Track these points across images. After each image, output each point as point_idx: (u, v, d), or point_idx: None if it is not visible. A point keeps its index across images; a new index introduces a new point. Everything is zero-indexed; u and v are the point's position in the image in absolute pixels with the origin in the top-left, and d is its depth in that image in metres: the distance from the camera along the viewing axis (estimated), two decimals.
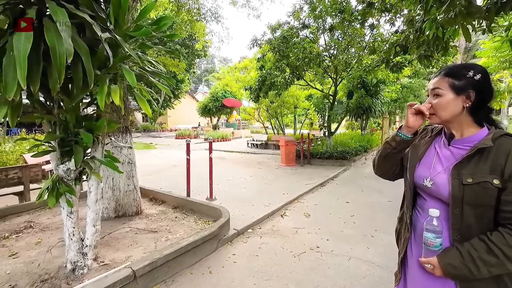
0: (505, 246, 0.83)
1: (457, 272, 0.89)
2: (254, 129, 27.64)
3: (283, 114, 15.01)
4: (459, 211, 0.92)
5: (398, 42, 6.14)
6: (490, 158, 0.89)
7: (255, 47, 10.02)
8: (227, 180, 6.48)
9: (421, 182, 1.04)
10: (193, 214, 3.86)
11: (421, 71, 10.99)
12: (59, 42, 1.64)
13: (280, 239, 3.31)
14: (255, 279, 2.48)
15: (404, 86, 15.91)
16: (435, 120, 1.01)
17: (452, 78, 0.96)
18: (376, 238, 3.33)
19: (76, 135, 2.14)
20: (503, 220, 0.87)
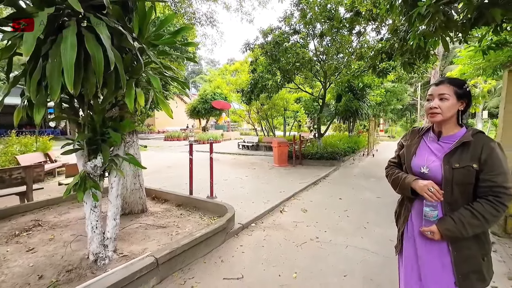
0: (484, 211, 1.16)
1: (451, 234, 1.20)
2: (243, 131, 27.87)
3: (273, 116, 15.37)
4: (450, 189, 1.24)
5: (384, 50, 6.62)
6: (471, 149, 1.22)
7: (247, 51, 10.32)
8: (224, 180, 6.69)
9: (419, 170, 1.35)
10: (197, 211, 4.06)
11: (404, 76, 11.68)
12: (98, 51, 1.85)
13: (282, 232, 3.58)
14: (264, 266, 2.74)
15: (388, 90, 16.71)
16: (438, 118, 1.28)
17: (456, 87, 1.28)
18: (368, 229, 3.68)
19: (103, 135, 2.32)
20: (481, 193, 1.20)
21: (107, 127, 2.33)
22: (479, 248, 1.22)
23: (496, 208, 1.15)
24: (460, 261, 1.22)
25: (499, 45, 5.91)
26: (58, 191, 5.33)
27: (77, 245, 2.82)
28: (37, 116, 1.86)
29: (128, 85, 2.19)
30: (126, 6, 2.46)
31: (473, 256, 1.22)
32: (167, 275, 2.48)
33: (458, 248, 1.23)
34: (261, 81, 10.07)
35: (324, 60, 9.82)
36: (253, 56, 10.93)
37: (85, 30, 1.91)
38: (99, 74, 1.83)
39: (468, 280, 1.21)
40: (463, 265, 1.22)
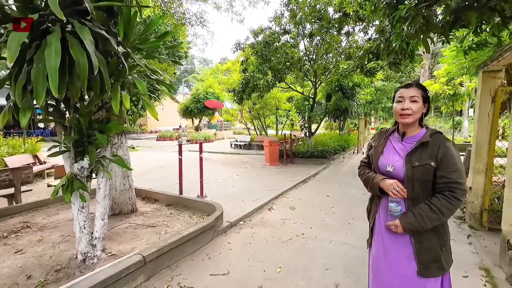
0: (440, 205, 1.27)
1: (412, 227, 1.31)
2: (236, 130, 27.92)
3: (265, 115, 15.47)
4: (411, 186, 1.34)
5: (371, 50, 6.79)
6: (429, 148, 1.33)
7: (238, 50, 10.38)
8: (215, 179, 6.76)
9: (385, 169, 1.46)
10: (186, 210, 4.13)
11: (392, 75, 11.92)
12: (82, 56, 1.91)
13: (270, 229, 3.68)
14: (250, 262, 2.83)
15: (378, 89, 16.99)
16: (410, 119, 1.38)
17: (422, 91, 1.40)
18: (353, 225, 3.81)
19: (89, 137, 2.38)
20: (438, 189, 1.31)
21: (93, 129, 2.38)
22: (437, 239, 1.34)
23: (451, 202, 1.26)
24: (421, 251, 1.33)
25: (480, 46, 6.13)
26: (47, 192, 5.32)
27: (65, 246, 2.87)
28: (23, 120, 1.91)
29: (113, 88, 2.25)
30: (111, 11, 2.51)
31: (432, 247, 1.33)
32: (154, 273, 2.55)
33: (419, 240, 1.34)
34: (252, 80, 10.15)
35: (314, 59, 9.95)
36: (244, 56, 11.00)
37: (69, 35, 1.96)
38: (84, 78, 1.89)
39: (429, 269, 1.32)
40: (424, 255, 1.33)
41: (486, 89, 3.46)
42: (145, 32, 2.55)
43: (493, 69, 3.32)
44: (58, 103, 2.42)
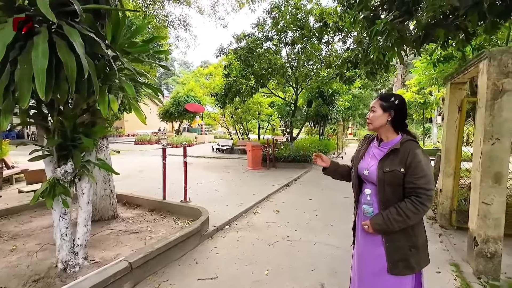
0: (406, 209, 1.36)
1: (379, 227, 1.42)
2: (218, 134, 27.73)
3: (247, 119, 15.56)
4: (382, 190, 1.45)
5: (350, 59, 7.14)
6: (399, 155, 1.43)
7: (221, 55, 10.43)
8: (198, 184, 6.70)
9: (362, 172, 1.57)
10: (171, 215, 4.07)
11: (368, 83, 12.54)
12: (71, 59, 1.88)
13: (255, 232, 3.73)
14: (238, 265, 2.86)
15: (355, 96, 17.74)
16: (370, 127, 1.55)
17: (382, 101, 1.51)
18: (335, 227, 3.96)
19: (74, 140, 2.31)
20: (407, 194, 1.41)
21: (78, 133, 2.32)
22: (406, 241, 1.43)
23: (416, 207, 1.34)
24: (391, 251, 1.43)
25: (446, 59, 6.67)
26: (18, 199, 4.98)
27: (43, 254, 2.73)
28: (4, 123, 1.83)
29: (101, 92, 2.22)
30: (98, 13, 2.48)
31: (401, 247, 1.42)
32: (141, 279, 2.50)
33: (390, 240, 1.44)
34: (235, 85, 10.22)
35: (295, 66, 10.24)
36: (227, 61, 11.06)
37: (56, 37, 1.92)
38: (72, 81, 1.86)
39: (397, 268, 1.42)
40: (394, 255, 1.43)
41: (453, 99, 3.79)
42: (133, 36, 2.54)
43: (459, 81, 3.65)
44: (40, 105, 2.34)
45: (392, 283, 1.44)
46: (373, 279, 1.49)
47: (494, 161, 2.51)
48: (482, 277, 2.52)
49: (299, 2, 9.23)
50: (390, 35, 4.17)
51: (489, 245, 2.54)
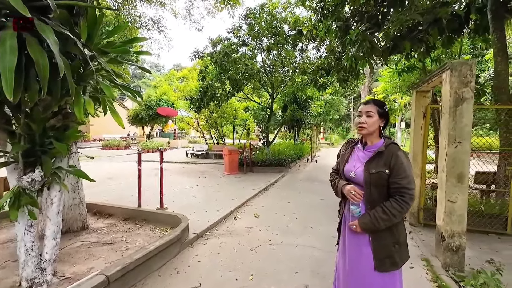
0: (392, 208, 1.45)
1: (367, 226, 1.50)
2: (192, 138, 27.14)
3: (222, 124, 15.45)
4: (369, 190, 1.53)
5: (323, 66, 7.47)
6: (384, 157, 1.53)
7: (196, 58, 10.30)
8: (174, 190, 6.48)
9: (349, 174, 1.64)
10: (147, 224, 3.88)
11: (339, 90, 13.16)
12: (42, 57, 1.74)
13: (237, 238, 3.69)
14: (221, 272, 2.80)
15: (327, 102, 18.50)
16: (364, 131, 1.59)
17: (379, 107, 1.60)
18: (314, 229, 4.06)
19: (43, 145, 2.12)
20: (391, 194, 1.50)
21: (49, 137, 2.13)
22: (391, 238, 1.52)
23: (400, 205, 1.44)
24: (378, 248, 1.52)
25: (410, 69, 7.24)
26: None
27: (3, 273, 2.44)
28: None
29: (76, 93, 2.07)
30: (72, 9, 2.33)
31: (387, 245, 1.51)
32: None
33: (376, 238, 1.53)
34: (211, 89, 10.12)
35: (271, 72, 10.42)
36: (202, 64, 10.94)
37: (26, 33, 1.76)
38: (44, 81, 1.71)
39: (384, 265, 1.51)
40: (380, 252, 1.51)
41: (419, 106, 4.12)
42: (110, 36, 2.41)
43: (424, 89, 3.98)
44: (1, 107, 2.12)
45: (380, 279, 1.51)
46: (362, 277, 1.55)
47: (457, 162, 2.77)
48: (449, 269, 2.73)
49: (274, 10, 9.46)
50: (362, 45, 4.45)
51: (454, 240, 2.77)
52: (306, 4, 6.68)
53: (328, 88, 9.67)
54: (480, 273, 2.43)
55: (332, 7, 5.39)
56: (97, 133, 27.14)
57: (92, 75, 2.05)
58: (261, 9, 9.41)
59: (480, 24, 4.45)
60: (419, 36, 4.45)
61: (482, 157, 4.87)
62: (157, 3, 8.58)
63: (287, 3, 9.39)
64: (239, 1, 8.37)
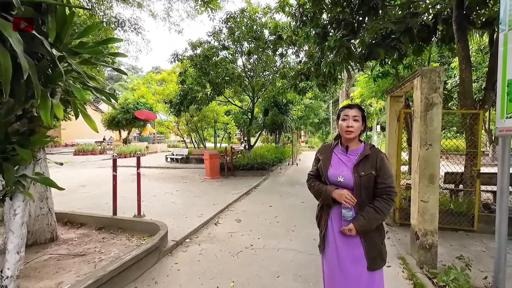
0: (382, 207, 1.52)
1: (363, 228, 1.53)
2: (171, 143, 26.51)
3: (203, 128, 15.24)
4: (359, 192, 1.57)
5: (302, 71, 7.62)
6: (370, 159, 1.58)
7: (176, 61, 10.11)
8: (152, 196, 6.27)
9: (335, 179, 1.65)
10: (123, 233, 3.71)
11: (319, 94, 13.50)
12: (4, 57, 1.62)
13: (218, 244, 3.62)
14: (201, 280, 2.73)
15: (307, 106, 18.88)
16: (352, 135, 1.62)
17: (362, 112, 1.65)
18: (296, 232, 4.08)
19: (4, 152, 1.95)
20: (378, 193, 1.57)
21: (11, 143, 1.97)
22: (379, 236, 1.61)
23: (388, 203, 1.54)
24: (369, 248, 1.56)
25: (384, 75, 7.57)
26: None
27: None
28: None
29: (42, 95, 1.94)
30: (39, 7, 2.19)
31: (376, 243, 1.58)
32: None
33: (368, 239, 1.57)
34: (191, 92, 9.98)
35: (252, 76, 10.47)
36: (182, 67, 10.77)
37: None
38: (6, 83, 1.59)
39: (376, 263, 1.57)
40: (372, 251, 1.56)
41: (393, 111, 4.30)
42: (83, 36, 2.30)
43: (397, 94, 4.17)
44: None
45: (373, 278, 1.57)
46: (358, 279, 1.57)
47: (428, 164, 2.91)
48: (424, 266, 2.85)
49: (254, 15, 9.55)
50: (339, 51, 4.59)
51: (427, 238, 2.90)
52: (286, 10, 6.80)
53: (308, 92, 9.86)
54: (451, 269, 2.56)
55: (310, 14, 5.53)
56: (69, 138, 25.73)
57: (61, 77, 1.93)
58: (242, 13, 9.45)
59: (446, 34, 4.76)
60: (392, 44, 4.67)
61: (451, 159, 5.19)
62: (134, 3, 8.35)
63: (267, 8, 9.51)
64: (219, 5, 8.35)
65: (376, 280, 1.59)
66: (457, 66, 7.14)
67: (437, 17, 4.55)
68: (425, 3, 5.10)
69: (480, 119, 3.96)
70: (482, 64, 9.56)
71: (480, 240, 3.66)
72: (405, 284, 2.62)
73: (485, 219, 3.92)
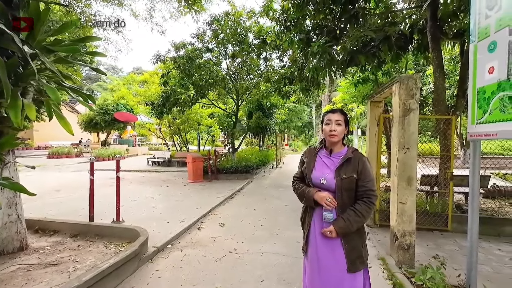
0: (362, 210, 1.56)
1: (343, 230, 1.56)
2: (153, 145, 25.83)
3: (186, 130, 14.99)
4: (340, 195, 1.60)
5: (286, 75, 7.73)
6: (352, 163, 1.62)
7: (158, 62, 9.91)
8: (132, 201, 6.06)
9: (318, 181, 1.67)
10: (100, 240, 3.54)
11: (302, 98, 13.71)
12: None
13: (201, 249, 3.55)
14: (184, 286, 2.65)
15: (290, 110, 19.13)
16: (335, 139, 1.65)
17: (345, 116, 1.69)
18: (280, 235, 4.09)
19: None
20: (359, 196, 1.60)
21: None
22: (359, 238, 1.64)
23: (368, 206, 1.57)
24: (349, 250, 1.59)
25: (364, 81, 7.83)
26: None
27: None
28: None
29: (12, 95, 1.82)
30: (9, 1, 2.07)
31: (356, 245, 1.61)
32: None
33: (348, 241, 1.60)
34: (174, 94, 9.79)
35: (236, 79, 10.46)
36: (165, 69, 10.57)
37: None
38: None
39: (355, 265, 1.59)
40: (352, 253, 1.59)
41: (373, 115, 4.45)
42: (59, 33, 2.19)
43: (377, 100, 4.32)
44: None
45: (354, 280, 1.59)
46: (339, 282, 1.59)
47: (406, 167, 3.03)
48: (402, 266, 2.95)
49: (239, 18, 9.57)
50: (322, 57, 4.69)
51: (406, 239, 3.00)
52: (270, 15, 6.88)
53: (292, 96, 9.99)
54: (428, 268, 2.66)
55: (294, 19, 5.63)
56: (43, 140, 24.38)
57: (33, 76, 1.82)
58: (226, 16, 9.44)
59: (421, 43, 5.01)
60: (372, 51, 4.85)
61: (426, 161, 5.43)
62: (115, 2, 8.12)
63: (251, 12, 9.58)
64: (203, 6, 8.31)
65: (358, 282, 1.61)
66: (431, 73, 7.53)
67: (413, 27, 4.78)
68: (402, 13, 5.35)
69: (453, 125, 4.19)
70: (454, 73, 10.14)
71: (453, 240, 3.84)
72: (385, 284, 2.69)
73: (458, 219, 4.13)
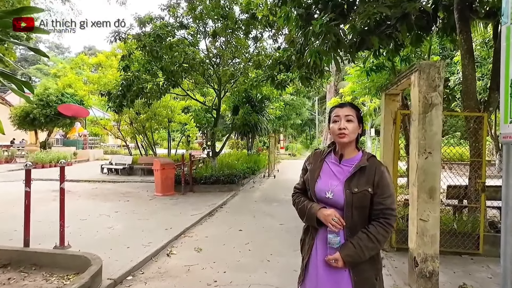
0: (377, 233, 1.54)
1: (352, 259, 1.54)
2: (109, 148, 25.49)
3: (153, 129, 14.89)
4: (350, 213, 1.59)
5: (281, 60, 7.83)
6: (366, 173, 1.61)
7: (117, 41, 9.81)
8: (81, 220, 5.98)
9: (324, 195, 1.67)
10: (39, 271, 3.49)
11: (302, 89, 13.89)
12: None
13: (171, 281, 3.54)
14: None
15: (287, 103, 19.32)
16: (346, 139, 1.63)
17: (356, 111, 1.68)
18: (272, 262, 4.13)
19: None
20: (374, 216, 1.59)
21: None
22: (372, 269, 1.62)
23: (386, 229, 1.55)
24: (359, 285, 1.58)
25: (378, 68, 8.04)
26: None
27: None
28: None
29: None
30: None
31: (369, 278, 1.60)
32: None
33: (358, 272, 1.59)
34: (137, 82, 9.73)
35: (218, 64, 10.49)
36: (126, 49, 10.48)
37: None
38: None
39: None
40: None
41: (388, 112, 4.58)
42: None
43: (393, 92, 4.45)
44: None
45: None
46: None
47: (428, 175, 3.13)
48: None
49: None
50: (326, 38, 4.80)
51: (427, 264, 3.10)
52: None
53: (288, 86, 10.13)
54: None
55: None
56: None
57: None
58: None
59: (447, 23, 5.19)
60: (388, 31, 4.99)
61: (454, 169, 5.61)
62: None
63: None
64: None
65: None
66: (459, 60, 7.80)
67: (437, 3, 4.95)
68: None
69: (485, 123, 4.35)
70: (487, 60, 10.48)
71: (486, 265, 3.99)
72: None
73: (491, 240, 4.29)
